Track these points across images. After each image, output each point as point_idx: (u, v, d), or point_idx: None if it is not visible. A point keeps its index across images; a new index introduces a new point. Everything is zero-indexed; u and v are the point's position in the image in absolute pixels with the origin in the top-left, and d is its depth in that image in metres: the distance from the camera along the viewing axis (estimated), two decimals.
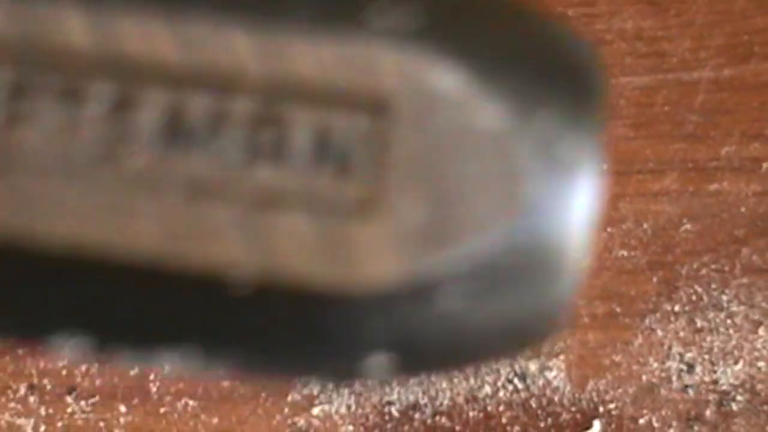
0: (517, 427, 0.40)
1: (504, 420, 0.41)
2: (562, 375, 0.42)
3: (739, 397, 0.41)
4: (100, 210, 0.14)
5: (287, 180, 0.14)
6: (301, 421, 0.41)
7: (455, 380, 0.43)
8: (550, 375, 0.42)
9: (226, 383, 0.43)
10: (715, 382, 0.41)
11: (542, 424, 0.41)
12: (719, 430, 0.40)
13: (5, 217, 0.14)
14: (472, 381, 0.42)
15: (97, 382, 0.41)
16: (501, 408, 0.42)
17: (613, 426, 0.40)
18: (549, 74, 0.14)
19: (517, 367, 0.42)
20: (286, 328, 0.15)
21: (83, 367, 0.41)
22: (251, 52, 0.14)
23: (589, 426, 0.40)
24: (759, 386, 0.41)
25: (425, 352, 0.15)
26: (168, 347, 0.15)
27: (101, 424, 0.40)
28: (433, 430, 0.41)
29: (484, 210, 0.14)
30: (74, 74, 0.14)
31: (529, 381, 0.42)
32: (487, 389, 0.43)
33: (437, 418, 0.41)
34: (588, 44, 0.15)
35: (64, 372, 0.41)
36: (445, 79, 0.14)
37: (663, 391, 0.41)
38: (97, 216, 0.14)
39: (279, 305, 0.15)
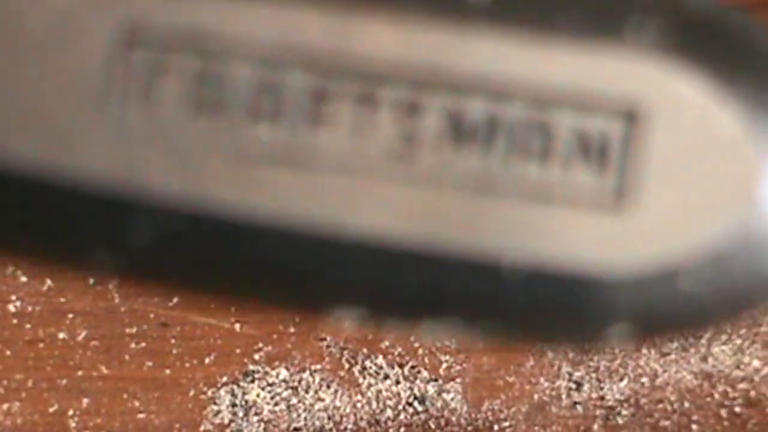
0: None
1: None
2: (459, 397, 0.44)
3: (624, 412, 0.44)
4: (394, 203, 0.16)
5: (553, 176, 0.16)
6: None
7: (358, 405, 0.44)
8: (447, 397, 0.44)
9: (141, 416, 0.43)
10: (602, 398, 0.44)
11: None
12: None
13: (305, 210, 0.16)
14: (374, 405, 0.44)
15: (18, 420, 0.41)
16: (402, 430, 0.44)
17: None
18: None
19: (416, 391, 0.44)
20: (548, 306, 0.17)
21: (5, 406, 0.40)
22: (523, 62, 0.16)
23: None
24: (643, 400, 0.44)
25: (661, 324, 0.17)
26: (435, 319, 0.17)
27: None
28: None
29: (723, 203, 0.17)
30: (369, 81, 0.16)
31: (428, 403, 0.44)
32: (389, 413, 0.44)
33: None
34: None
35: None
36: (692, 88, 0.16)
37: (554, 409, 0.44)
38: (391, 209, 0.16)
39: (545, 286, 0.17)
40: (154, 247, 0.16)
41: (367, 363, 0.43)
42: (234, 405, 0.44)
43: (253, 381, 0.44)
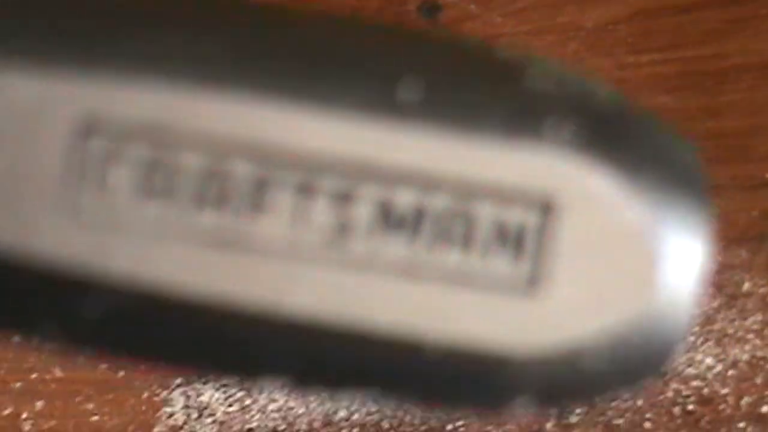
0: None
1: None
2: None
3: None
4: (326, 287, 0.18)
5: (473, 262, 0.18)
6: None
7: (311, 406, 0.46)
8: None
9: (95, 418, 0.44)
10: None
11: None
12: None
13: (247, 293, 0.18)
14: (327, 405, 0.46)
15: None
16: (355, 430, 0.45)
17: None
18: (677, 176, 0.19)
19: None
20: (460, 381, 0.18)
21: None
22: (449, 157, 0.18)
23: None
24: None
25: (561, 396, 0.19)
26: (356, 390, 0.18)
27: None
28: None
29: (625, 292, 0.18)
30: (308, 172, 0.18)
31: (381, 404, 0.46)
32: (342, 413, 0.46)
33: None
34: (694, 149, 0.19)
35: None
36: (600, 183, 0.18)
37: None
38: (322, 292, 0.18)
39: (458, 364, 0.18)
40: (103, 324, 0.17)
41: None
42: (188, 406, 0.45)
43: (206, 382, 0.46)
